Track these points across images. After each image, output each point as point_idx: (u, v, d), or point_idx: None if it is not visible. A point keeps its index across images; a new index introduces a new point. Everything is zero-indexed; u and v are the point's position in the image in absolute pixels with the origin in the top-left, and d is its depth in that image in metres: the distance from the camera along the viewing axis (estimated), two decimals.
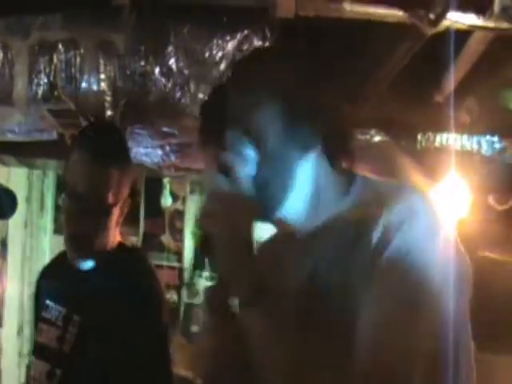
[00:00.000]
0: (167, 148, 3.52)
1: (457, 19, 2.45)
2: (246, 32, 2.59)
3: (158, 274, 2.27)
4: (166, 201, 5.51)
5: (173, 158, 3.64)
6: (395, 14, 2.38)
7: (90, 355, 2.08)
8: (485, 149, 3.54)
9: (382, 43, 2.66)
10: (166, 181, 5.36)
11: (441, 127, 3.29)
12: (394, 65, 2.74)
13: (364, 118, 3.06)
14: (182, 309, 5.65)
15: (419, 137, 3.37)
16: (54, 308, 2.22)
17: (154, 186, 5.56)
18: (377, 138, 3.32)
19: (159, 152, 3.59)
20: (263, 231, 1.42)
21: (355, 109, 2.83)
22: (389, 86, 2.94)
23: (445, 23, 2.43)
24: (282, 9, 2.33)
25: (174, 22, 2.71)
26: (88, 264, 2.18)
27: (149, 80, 2.81)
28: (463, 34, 2.62)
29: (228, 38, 2.63)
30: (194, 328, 5.48)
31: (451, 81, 2.99)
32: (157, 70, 2.78)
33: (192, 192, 5.60)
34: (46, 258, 5.34)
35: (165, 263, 5.67)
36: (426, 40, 2.56)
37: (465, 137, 3.46)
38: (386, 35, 2.59)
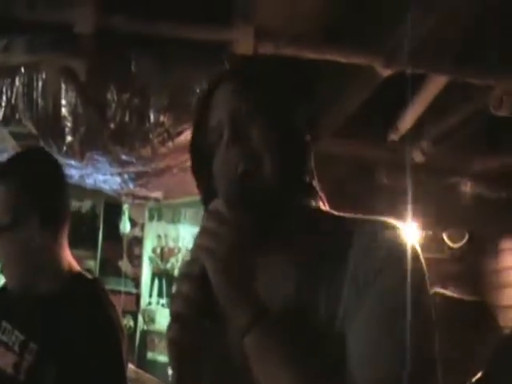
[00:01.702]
0: (125, 176, 3.52)
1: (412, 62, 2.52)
2: (205, 65, 2.62)
3: (114, 300, 2.26)
4: (125, 227, 5.49)
5: (131, 185, 3.64)
6: (352, 55, 2.43)
7: None
8: (438, 188, 3.61)
9: (338, 81, 2.71)
10: (125, 207, 5.35)
11: (396, 165, 3.35)
12: (350, 103, 2.80)
13: (322, 153, 3.10)
14: (138, 335, 5.61)
15: (375, 173, 3.43)
16: (10, 331, 2.19)
17: (113, 211, 5.54)
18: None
19: (118, 179, 3.59)
20: None
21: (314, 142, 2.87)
22: (346, 123, 2.99)
23: (400, 66, 2.50)
24: (241, 45, 2.37)
25: (135, 52, 2.74)
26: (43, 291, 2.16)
27: (109, 108, 2.83)
28: (419, 76, 2.70)
29: (188, 70, 2.66)
30: (150, 355, 5.44)
31: (407, 121, 3.06)
32: (117, 98, 2.80)
33: (151, 219, 5.60)
34: None
35: (122, 289, 5.63)
36: (382, 80, 2.62)
37: (420, 175, 3.52)
38: (343, 73, 2.64)
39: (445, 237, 4.34)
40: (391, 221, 1.24)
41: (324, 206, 1.34)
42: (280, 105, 1.32)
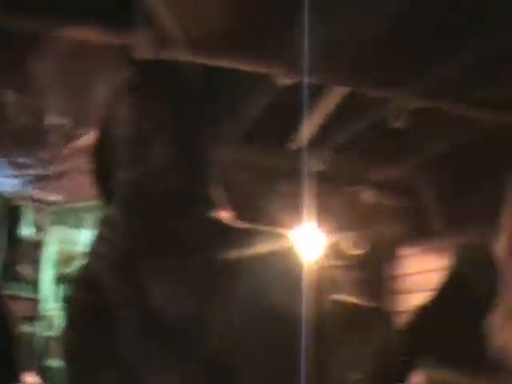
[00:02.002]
0: (24, 178, 3.45)
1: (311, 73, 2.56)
2: (107, 69, 2.59)
3: (13, 306, 2.20)
4: (26, 231, 5.37)
5: (30, 188, 3.57)
6: (252, 63, 2.46)
7: None
8: (338, 196, 3.68)
9: (239, 88, 2.73)
10: (26, 210, 5.23)
11: (297, 173, 3.39)
12: (251, 110, 2.82)
13: (224, 160, 3.11)
14: (39, 341, 5.48)
15: (277, 181, 3.46)
16: None
17: (13, 215, 5.40)
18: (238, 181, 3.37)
19: (16, 182, 3.51)
20: None
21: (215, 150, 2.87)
22: (247, 130, 3.01)
23: (299, 76, 2.53)
24: (141, 50, 2.36)
25: (34, 53, 2.68)
26: None
27: (6, 110, 2.76)
28: (320, 86, 2.74)
29: (88, 73, 2.62)
30: (51, 362, 5.33)
31: (306, 130, 3.11)
32: (14, 100, 2.74)
33: (54, 223, 5.49)
34: None
35: (22, 294, 5.50)
36: (283, 90, 2.65)
37: (320, 184, 3.57)
38: (242, 82, 2.66)
39: (345, 244, 4.42)
40: (280, 232, 1.27)
41: (225, 215, 1.35)
42: (180, 118, 1.32)
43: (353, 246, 4.45)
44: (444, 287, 0.79)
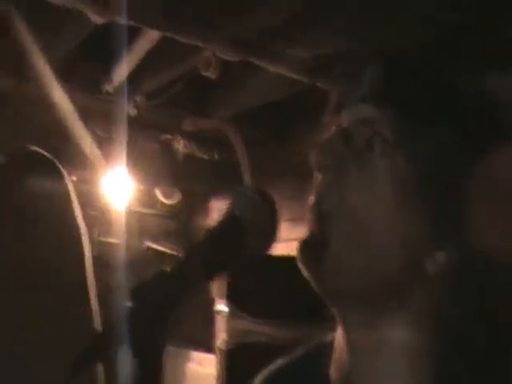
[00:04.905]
0: None
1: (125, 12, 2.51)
2: None
3: None
4: None
5: None
6: None
7: None
8: (153, 143, 3.68)
9: (51, 23, 2.64)
10: None
11: (110, 117, 3.35)
12: (61, 48, 2.73)
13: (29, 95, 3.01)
14: None
15: (88, 125, 3.39)
16: None
17: None
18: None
19: None
20: None
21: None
22: (59, 69, 2.91)
23: (113, 15, 2.48)
24: None
25: None
26: None
27: None
28: (135, 29, 2.70)
29: None
30: None
31: (121, 72, 3.06)
32: None
33: None
34: None
35: None
36: (96, 28, 2.59)
37: (133, 130, 3.55)
38: (55, 15, 2.57)
39: (157, 193, 4.44)
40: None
41: None
42: None
43: (164, 196, 4.47)
44: (216, 227, 0.81)
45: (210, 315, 3.69)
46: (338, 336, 0.87)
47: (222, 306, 3.48)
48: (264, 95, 3.40)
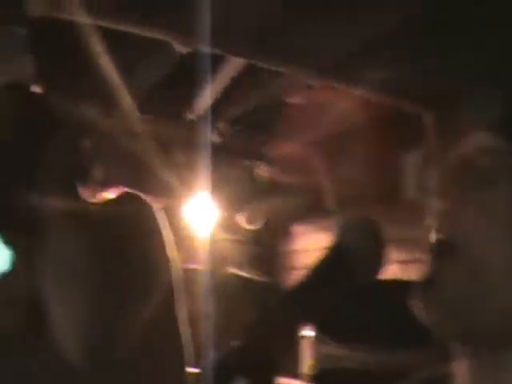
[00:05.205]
0: None
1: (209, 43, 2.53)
2: None
3: None
4: None
5: None
6: (149, 29, 2.40)
7: None
8: (235, 170, 3.68)
9: (135, 53, 2.67)
10: None
11: (193, 145, 3.37)
12: (148, 77, 2.77)
13: (115, 128, 3.05)
14: None
15: (172, 152, 3.43)
16: None
17: None
18: (131, 149, 3.31)
19: None
20: None
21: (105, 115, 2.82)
22: (143, 99, 2.95)
23: (198, 45, 2.50)
24: (33, 7, 2.26)
25: None
26: None
27: None
28: (219, 57, 2.72)
29: None
30: None
31: (205, 101, 3.08)
32: None
33: None
34: None
35: None
36: (180, 58, 2.61)
37: (217, 156, 3.57)
38: (140, 46, 2.60)
39: (240, 219, 4.43)
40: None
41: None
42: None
43: (247, 221, 4.47)
44: (323, 260, 0.78)
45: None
46: (461, 372, 0.82)
47: (307, 331, 3.44)
48: (347, 119, 3.37)
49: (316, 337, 3.39)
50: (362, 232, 0.80)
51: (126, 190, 1.30)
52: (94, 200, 1.30)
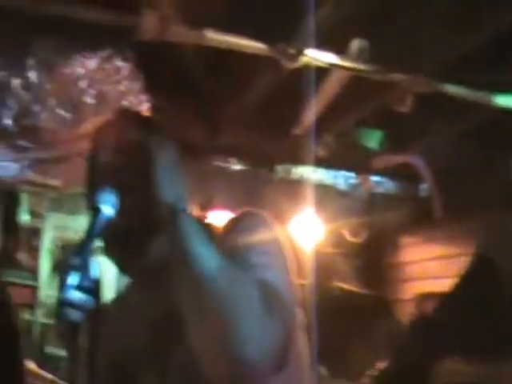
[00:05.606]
0: (23, 162, 3.41)
1: (316, 56, 2.54)
2: (107, 51, 2.56)
3: (11, 293, 2.19)
4: (23, 217, 5.33)
5: (29, 173, 3.53)
6: (256, 45, 2.43)
7: None
8: (340, 183, 3.67)
9: (243, 72, 2.70)
10: (23, 196, 5.18)
11: (298, 159, 3.38)
12: (254, 94, 2.79)
13: (225, 146, 3.10)
14: (36, 329, 5.47)
15: (278, 167, 3.45)
16: None
17: (10, 200, 5.36)
18: (237, 167, 3.37)
19: (15, 166, 3.47)
20: None
21: (212, 133, 2.87)
22: (250, 115, 2.98)
23: (304, 59, 2.51)
24: (144, 31, 2.33)
25: (35, 34, 2.65)
26: None
27: (7, 92, 2.73)
28: (323, 71, 2.72)
29: (89, 55, 2.59)
30: (49, 349, 5.31)
31: (310, 115, 3.08)
32: (16, 82, 2.70)
33: (50, 209, 5.45)
34: None
35: (19, 281, 5.48)
36: (287, 73, 2.63)
37: (322, 170, 3.57)
38: (247, 64, 2.63)
39: (345, 232, 4.41)
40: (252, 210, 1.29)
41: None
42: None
43: (353, 234, 4.44)
44: (467, 273, 0.75)
45: None
46: None
47: None
48: (455, 126, 3.31)
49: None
50: (506, 243, 0.78)
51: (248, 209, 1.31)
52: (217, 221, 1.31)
